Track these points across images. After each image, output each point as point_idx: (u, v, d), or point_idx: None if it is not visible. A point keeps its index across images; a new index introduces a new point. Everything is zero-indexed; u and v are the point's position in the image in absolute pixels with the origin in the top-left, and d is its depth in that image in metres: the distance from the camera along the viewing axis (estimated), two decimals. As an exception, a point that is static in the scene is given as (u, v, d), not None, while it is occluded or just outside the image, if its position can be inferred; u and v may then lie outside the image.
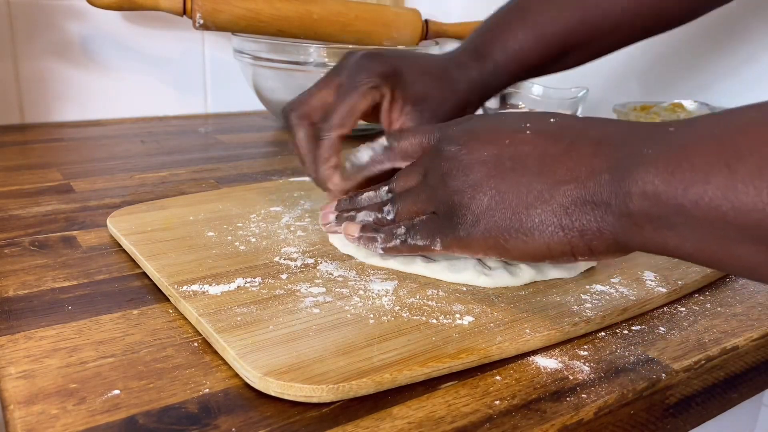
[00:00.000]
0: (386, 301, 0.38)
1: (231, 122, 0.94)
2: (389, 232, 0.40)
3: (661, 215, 0.29)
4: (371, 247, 0.41)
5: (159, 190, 0.61)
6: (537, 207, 0.33)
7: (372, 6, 0.89)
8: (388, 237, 0.40)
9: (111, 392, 0.30)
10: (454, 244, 0.36)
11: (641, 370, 0.34)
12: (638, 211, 0.30)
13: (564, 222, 0.32)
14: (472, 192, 0.35)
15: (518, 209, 0.34)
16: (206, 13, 0.78)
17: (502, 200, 0.34)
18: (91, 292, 0.40)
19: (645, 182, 0.29)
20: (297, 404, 0.30)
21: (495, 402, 0.31)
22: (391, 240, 0.40)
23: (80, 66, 0.87)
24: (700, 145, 0.28)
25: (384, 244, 0.40)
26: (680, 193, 0.28)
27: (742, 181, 0.26)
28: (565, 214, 0.32)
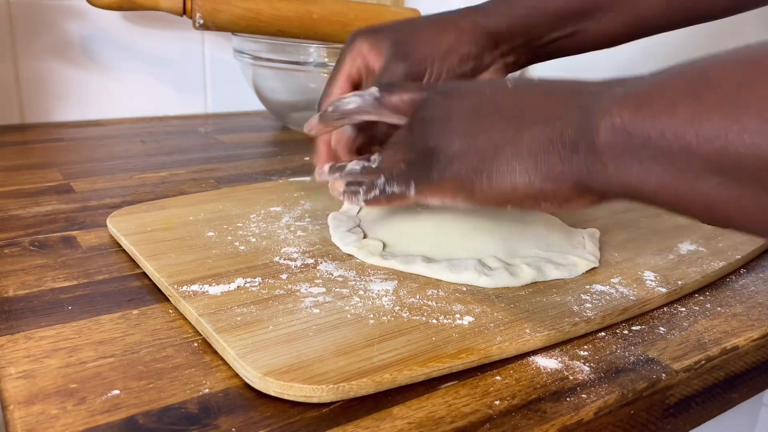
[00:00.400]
0: (386, 301, 0.38)
1: (231, 122, 0.94)
2: (370, 182, 0.40)
3: (627, 148, 0.29)
4: (355, 200, 0.41)
5: (159, 190, 0.61)
6: (505, 149, 0.33)
7: (372, 6, 0.89)
8: (368, 188, 0.40)
9: (111, 392, 0.30)
10: (426, 188, 0.37)
11: (641, 370, 0.34)
12: (604, 145, 0.29)
13: (529, 164, 0.32)
14: (446, 136, 0.36)
15: (487, 152, 0.34)
16: (206, 13, 0.78)
17: (474, 143, 0.35)
18: (91, 292, 0.40)
19: (613, 115, 0.29)
20: (297, 404, 0.30)
21: (495, 402, 0.31)
22: (371, 191, 0.40)
23: (80, 66, 0.87)
24: (670, 81, 0.28)
25: (365, 196, 0.40)
26: (647, 124, 0.28)
27: (708, 110, 0.26)
28: (530, 156, 0.32)
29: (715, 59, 0.28)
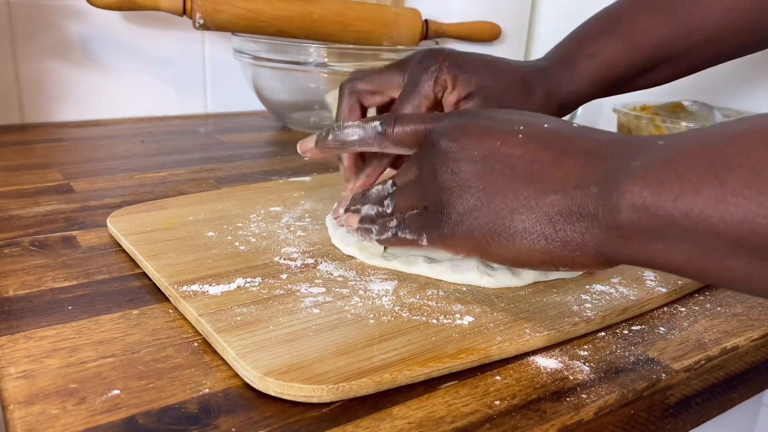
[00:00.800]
0: (386, 301, 0.38)
1: (231, 122, 0.94)
2: (383, 224, 0.41)
3: (650, 227, 0.28)
4: (367, 238, 0.42)
5: (159, 190, 0.61)
6: (522, 213, 0.33)
7: (372, 6, 0.89)
8: (381, 229, 0.41)
9: (111, 392, 0.30)
10: (438, 241, 0.36)
11: (641, 370, 0.34)
12: (626, 223, 0.29)
13: (547, 231, 0.32)
14: (459, 191, 0.35)
15: (502, 213, 0.33)
16: (206, 13, 0.78)
17: (488, 202, 0.34)
18: (91, 292, 0.40)
19: (633, 194, 0.29)
20: (297, 404, 0.30)
21: (495, 402, 0.31)
22: (384, 232, 0.40)
23: (80, 66, 0.87)
24: (689, 157, 0.28)
25: (378, 236, 0.41)
26: (670, 205, 0.27)
27: (732, 193, 0.25)
28: (549, 223, 0.32)
29: (732, 131, 0.28)
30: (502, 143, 0.35)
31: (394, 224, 0.40)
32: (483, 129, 0.36)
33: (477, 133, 0.36)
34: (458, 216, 0.35)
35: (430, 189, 0.37)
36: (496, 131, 0.36)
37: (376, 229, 0.41)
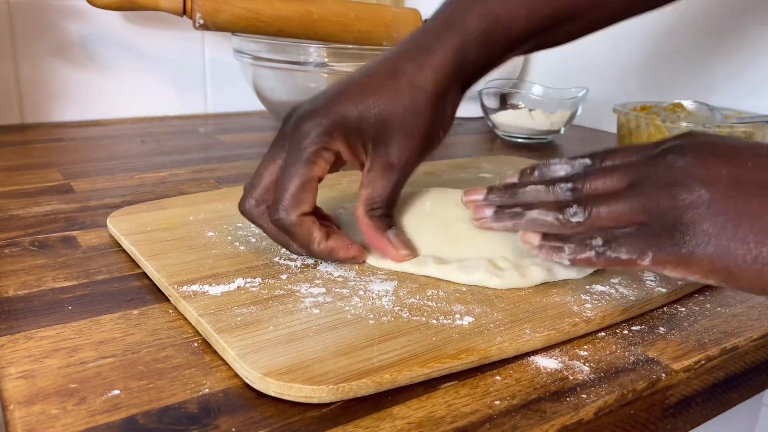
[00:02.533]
0: (386, 302, 0.38)
1: (231, 122, 0.94)
2: (582, 242, 0.36)
3: None
4: (555, 257, 0.37)
5: (159, 190, 0.61)
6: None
7: (372, 6, 0.89)
8: (580, 248, 0.36)
9: (111, 392, 0.30)
10: (671, 261, 0.33)
11: (641, 370, 0.34)
12: None
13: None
14: (706, 209, 0.32)
15: (759, 238, 0.31)
16: (206, 13, 0.78)
17: (742, 224, 0.32)
18: (91, 292, 0.40)
19: None
20: (297, 404, 0.30)
21: (495, 402, 0.31)
22: (584, 251, 0.36)
23: (80, 66, 0.87)
24: None
25: (573, 255, 0.36)
26: None
27: None
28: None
29: None
30: (754, 165, 0.33)
31: (600, 242, 0.35)
32: (728, 149, 0.34)
33: (723, 152, 0.34)
34: (705, 236, 0.32)
35: (657, 205, 0.34)
36: (744, 152, 0.34)
37: (570, 248, 0.36)
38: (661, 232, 0.33)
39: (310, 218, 0.42)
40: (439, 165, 0.71)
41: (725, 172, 0.33)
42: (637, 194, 0.35)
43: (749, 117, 0.76)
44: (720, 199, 0.32)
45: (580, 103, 0.91)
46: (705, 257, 0.32)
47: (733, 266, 0.32)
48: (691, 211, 0.33)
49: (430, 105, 0.43)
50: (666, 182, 0.34)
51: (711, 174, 0.33)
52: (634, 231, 0.34)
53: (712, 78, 0.88)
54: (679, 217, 0.33)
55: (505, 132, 0.93)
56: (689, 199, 0.33)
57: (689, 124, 0.72)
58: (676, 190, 0.33)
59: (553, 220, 0.37)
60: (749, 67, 0.84)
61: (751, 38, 0.83)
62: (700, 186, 0.33)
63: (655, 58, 0.94)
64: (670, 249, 0.33)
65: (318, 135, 0.41)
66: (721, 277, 0.32)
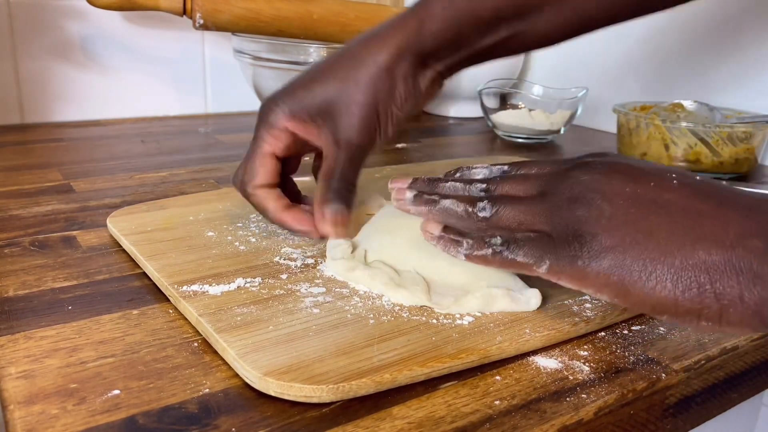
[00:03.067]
0: (386, 301, 0.38)
1: (231, 122, 0.94)
2: (480, 239, 0.36)
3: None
4: (452, 250, 0.37)
5: (159, 190, 0.61)
6: (675, 258, 0.31)
7: (372, 6, 0.89)
8: (478, 244, 0.36)
9: (111, 392, 0.30)
10: (565, 271, 0.33)
11: (641, 370, 0.34)
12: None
13: (702, 280, 0.30)
14: (605, 223, 0.33)
15: (653, 255, 0.31)
16: (206, 13, 0.78)
17: (638, 241, 0.32)
18: (91, 292, 0.40)
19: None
20: (297, 404, 0.30)
21: (495, 402, 0.31)
22: (481, 248, 0.36)
23: (80, 66, 0.87)
24: None
25: (470, 251, 0.36)
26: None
27: None
28: (704, 272, 0.30)
29: None
30: (656, 185, 0.33)
31: (499, 242, 0.35)
32: (634, 169, 0.35)
33: (627, 172, 0.34)
34: (600, 249, 0.32)
35: (563, 215, 0.34)
36: (648, 172, 0.34)
37: (468, 243, 0.36)
38: (561, 242, 0.34)
39: (266, 190, 0.46)
40: (439, 165, 0.71)
41: (628, 190, 0.33)
42: (542, 202, 0.36)
43: (749, 117, 0.76)
44: (619, 215, 0.33)
45: (580, 103, 0.91)
46: (600, 271, 0.32)
47: (627, 282, 0.32)
48: (591, 225, 0.33)
49: (368, 79, 0.44)
50: (570, 195, 0.34)
51: (613, 190, 0.33)
52: (537, 238, 0.35)
53: (712, 78, 0.88)
54: (578, 229, 0.33)
55: (505, 132, 0.93)
56: (589, 213, 0.33)
57: (689, 124, 0.72)
58: (578, 203, 0.34)
59: (462, 211, 0.38)
60: (749, 67, 0.84)
61: (751, 38, 0.83)
62: (601, 200, 0.33)
63: (655, 58, 0.94)
64: (566, 260, 0.33)
65: (268, 117, 0.47)
66: (614, 293, 0.32)
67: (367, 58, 0.45)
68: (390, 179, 0.43)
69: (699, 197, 0.32)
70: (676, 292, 0.31)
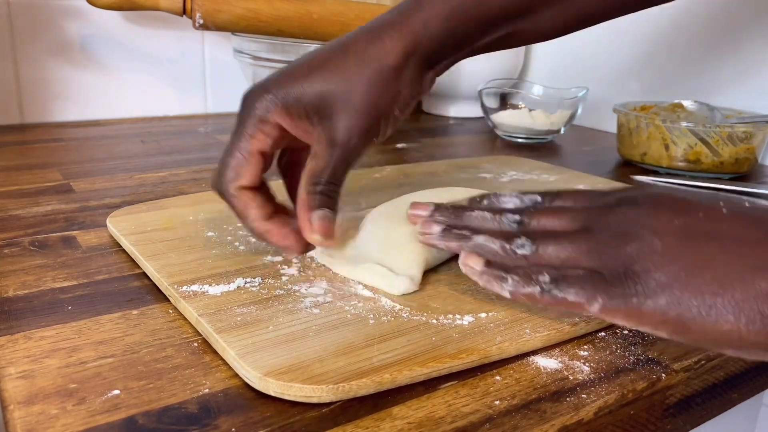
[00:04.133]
0: (386, 302, 0.38)
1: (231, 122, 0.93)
2: (527, 275, 0.34)
3: None
4: (496, 287, 0.35)
5: (159, 190, 0.61)
6: (735, 289, 0.29)
7: (372, 6, 0.88)
8: (524, 281, 0.34)
9: (111, 392, 0.30)
10: (619, 310, 0.32)
11: (641, 370, 0.34)
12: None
13: (765, 311, 0.29)
14: (658, 260, 0.31)
15: (712, 288, 0.30)
16: (206, 13, 0.78)
17: (695, 274, 0.30)
18: (91, 292, 0.40)
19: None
20: (297, 404, 0.30)
21: (495, 402, 0.31)
22: (528, 285, 0.34)
23: (80, 66, 0.87)
24: None
25: (516, 288, 0.34)
26: None
27: None
28: (765, 303, 0.29)
29: None
30: (705, 216, 0.32)
31: (548, 279, 0.33)
32: (680, 200, 0.33)
33: (674, 205, 0.33)
34: (656, 286, 0.31)
35: (612, 251, 0.33)
36: (695, 203, 0.33)
37: (514, 280, 0.34)
38: (612, 279, 0.32)
39: (250, 193, 0.41)
40: (439, 165, 0.71)
41: (677, 223, 0.32)
42: (587, 238, 0.34)
43: (749, 117, 0.76)
44: (672, 249, 0.31)
45: (580, 103, 0.91)
46: (657, 308, 0.31)
47: (686, 318, 0.30)
48: (643, 261, 0.32)
49: (375, 80, 0.42)
50: (618, 230, 0.33)
51: (662, 224, 0.32)
52: (587, 276, 0.33)
53: (712, 78, 0.88)
54: (630, 266, 0.32)
55: (505, 132, 0.93)
56: (640, 249, 0.32)
57: (689, 124, 0.72)
58: (628, 238, 0.33)
59: (499, 248, 0.36)
60: (749, 67, 0.84)
61: (752, 38, 0.83)
62: (652, 235, 0.32)
63: (655, 58, 0.94)
64: (619, 298, 0.32)
65: (257, 109, 0.41)
66: (673, 329, 0.31)
67: (373, 58, 0.42)
68: (410, 205, 0.41)
69: (752, 225, 0.31)
70: (740, 325, 0.29)
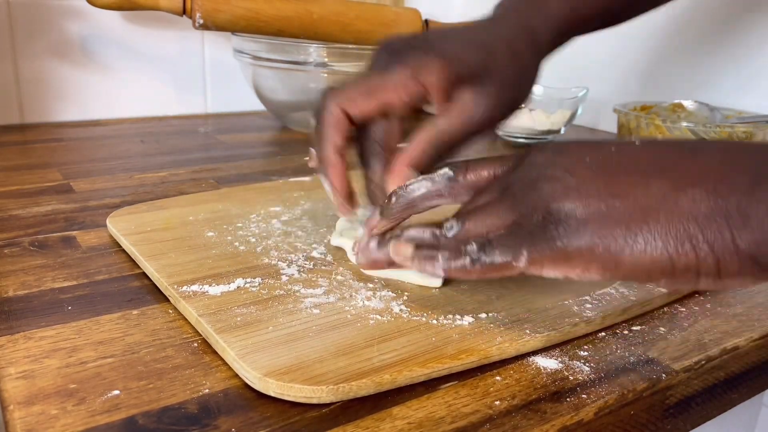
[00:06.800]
0: (386, 302, 0.38)
1: (231, 122, 0.94)
2: (456, 249, 0.33)
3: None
4: (429, 267, 0.34)
5: (159, 190, 0.61)
6: (659, 212, 0.28)
7: (372, 6, 0.88)
8: (454, 254, 0.33)
9: (111, 392, 0.30)
10: (547, 257, 0.30)
11: (641, 371, 0.34)
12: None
13: (692, 231, 0.27)
14: (576, 195, 0.30)
15: (635, 215, 0.28)
16: (206, 13, 0.78)
17: (615, 205, 0.29)
18: (91, 292, 0.40)
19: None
20: (297, 405, 0.30)
21: (495, 402, 0.31)
22: (458, 258, 0.33)
23: (80, 66, 0.87)
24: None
25: (448, 264, 0.33)
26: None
27: None
28: (693, 222, 0.27)
29: None
30: (618, 150, 0.31)
31: (474, 248, 0.32)
32: (590, 142, 0.33)
33: (583, 145, 0.32)
34: (577, 223, 0.29)
35: (528, 200, 0.31)
36: (605, 142, 0.32)
37: (444, 255, 0.33)
38: (533, 228, 0.31)
39: (344, 120, 0.41)
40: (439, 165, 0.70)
41: (589, 159, 0.31)
42: (504, 198, 0.33)
43: (749, 117, 0.76)
44: (587, 183, 0.30)
45: (580, 103, 0.91)
46: (583, 245, 0.29)
47: (614, 250, 0.29)
48: (560, 200, 0.30)
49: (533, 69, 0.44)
50: (529, 179, 0.32)
51: (573, 161, 0.31)
52: (509, 232, 0.32)
53: (712, 78, 0.88)
54: (547, 209, 0.30)
55: (505, 132, 0.93)
56: (554, 188, 0.31)
57: (689, 124, 0.72)
58: (540, 182, 0.31)
59: (430, 236, 0.35)
60: (750, 67, 0.84)
61: (752, 38, 0.83)
62: (563, 172, 0.31)
63: (655, 58, 0.94)
64: (544, 244, 0.30)
65: (416, 59, 0.40)
66: (603, 266, 0.30)
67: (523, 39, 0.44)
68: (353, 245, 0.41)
69: (668, 149, 0.30)
70: (668, 249, 0.28)
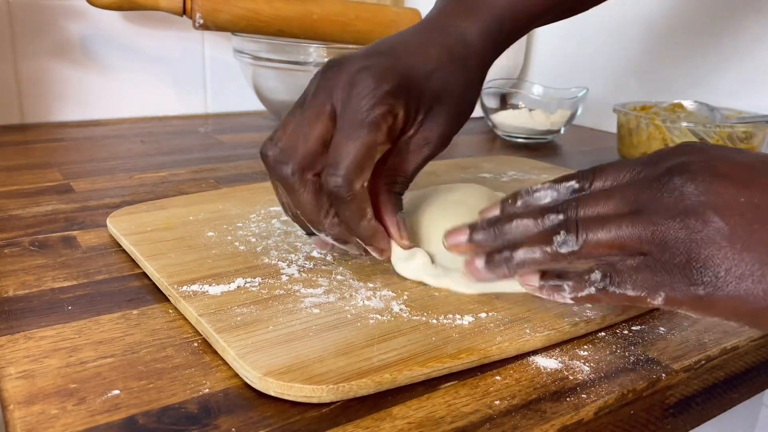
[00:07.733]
0: (386, 302, 0.38)
1: (231, 122, 0.94)
2: (579, 278, 0.31)
3: None
4: (558, 298, 0.33)
5: (159, 190, 0.61)
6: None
7: (372, 6, 0.88)
8: (578, 284, 0.31)
9: (111, 392, 0.30)
10: (687, 302, 0.29)
11: (641, 370, 0.34)
12: None
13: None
14: (726, 243, 0.28)
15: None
16: (206, 13, 0.78)
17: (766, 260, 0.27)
18: (91, 292, 0.40)
19: None
20: (297, 404, 0.30)
21: (495, 402, 0.31)
22: (582, 288, 0.31)
23: (80, 66, 0.87)
24: None
25: (574, 294, 0.32)
26: None
27: None
28: None
29: None
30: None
31: (598, 277, 0.30)
32: (741, 170, 0.29)
33: (735, 175, 0.29)
34: (725, 276, 0.28)
35: (666, 236, 0.29)
36: (759, 172, 0.29)
37: (569, 286, 0.32)
38: (673, 268, 0.29)
39: (365, 191, 0.38)
40: (439, 165, 0.70)
41: (743, 200, 0.28)
42: (638, 221, 0.30)
43: (749, 117, 0.76)
44: (740, 232, 0.28)
45: (580, 103, 0.91)
46: (728, 300, 0.28)
47: (762, 308, 0.27)
48: (708, 246, 0.28)
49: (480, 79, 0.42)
50: (676, 210, 0.29)
51: (726, 201, 0.28)
52: (642, 265, 0.30)
53: (712, 78, 0.88)
54: (693, 252, 0.28)
55: (505, 132, 0.93)
56: (705, 232, 0.28)
57: (689, 124, 0.72)
58: (688, 220, 0.29)
59: (541, 255, 0.32)
60: (750, 67, 0.84)
61: (752, 38, 0.83)
62: (715, 215, 0.28)
63: (655, 58, 0.94)
64: (685, 289, 0.29)
65: (383, 95, 0.37)
66: (747, 321, 0.29)
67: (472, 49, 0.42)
68: (444, 235, 0.37)
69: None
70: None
